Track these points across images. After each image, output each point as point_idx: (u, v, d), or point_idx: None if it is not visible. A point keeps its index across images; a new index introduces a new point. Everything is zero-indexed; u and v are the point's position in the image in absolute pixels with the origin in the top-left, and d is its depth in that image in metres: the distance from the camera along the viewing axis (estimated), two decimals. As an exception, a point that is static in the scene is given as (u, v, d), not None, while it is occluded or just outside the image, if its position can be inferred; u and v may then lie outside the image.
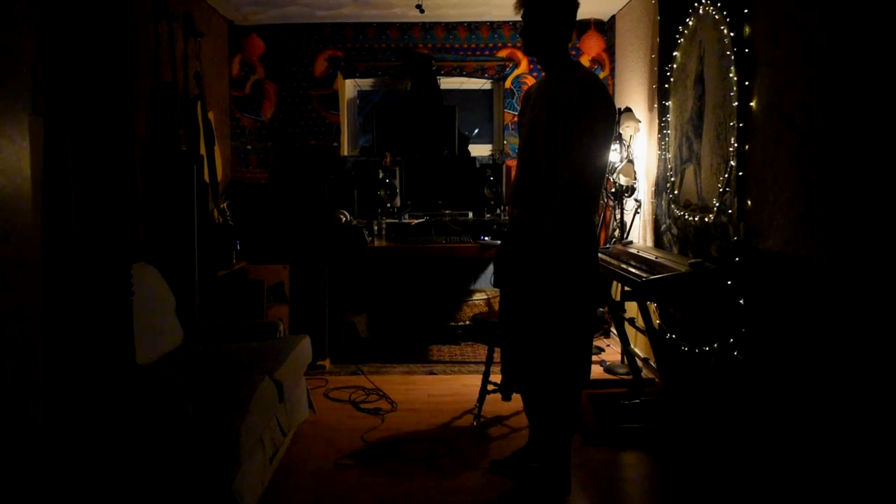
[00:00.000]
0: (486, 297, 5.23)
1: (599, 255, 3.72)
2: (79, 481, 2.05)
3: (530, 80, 5.41)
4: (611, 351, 4.88)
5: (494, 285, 3.03)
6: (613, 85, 5.36)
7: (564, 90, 2.57)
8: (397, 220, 4.94)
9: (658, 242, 4.03)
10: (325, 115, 5.44)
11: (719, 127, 3.18)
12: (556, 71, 2.68)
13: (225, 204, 4.66)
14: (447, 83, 5.49)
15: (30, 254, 1.99)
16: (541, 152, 2.63)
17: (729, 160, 3.05)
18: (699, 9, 3.41)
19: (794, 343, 2.57)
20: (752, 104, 2.90)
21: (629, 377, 4.01)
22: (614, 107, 2.63)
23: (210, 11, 4.91)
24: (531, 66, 5.42)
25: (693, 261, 3.14)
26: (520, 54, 5.41)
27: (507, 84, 5.44)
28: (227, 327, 3.60)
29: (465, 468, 2.99)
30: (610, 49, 5.34)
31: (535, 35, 2.64)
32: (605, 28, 5.36)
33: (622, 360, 4.40)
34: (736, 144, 2.98)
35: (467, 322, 5.23)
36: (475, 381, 3.88)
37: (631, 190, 4.40)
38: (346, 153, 5.52)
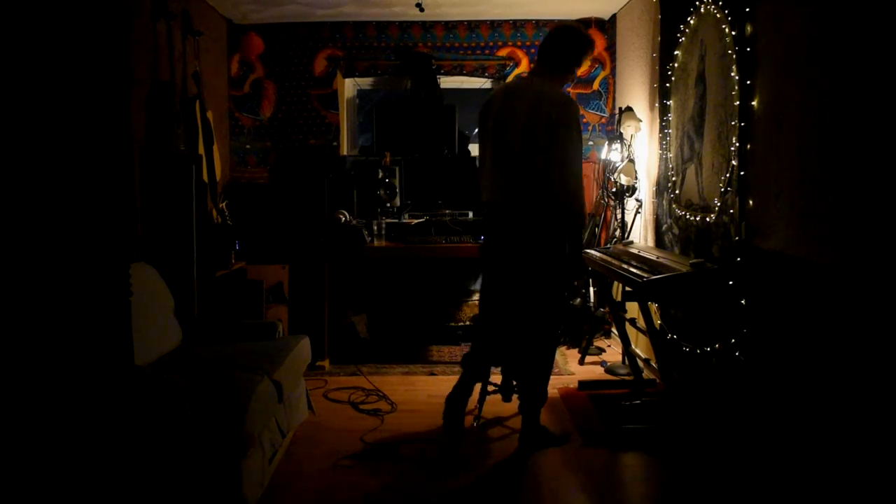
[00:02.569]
0: (486, 297, 5.21)
1: (601, 254, 3.77)
2: (76, 483, 2.03)
3: (530, 80, 5.39)
4: (612, 351, 4.86)
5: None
6: (614, 84, 5.35)
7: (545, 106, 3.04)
8: (397, 220, 4.92)
9: (659, 242, 4.01)
10: (325, 115, 5.43)
11: (721, 126, 3.16)
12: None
13: (224, 204, 4.64)
14: (447, 82, 5.46)
15: (28, 252, 1.97)
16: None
17: (730, 160, 3.03)
18: (700, 7, 3.39)
19: (796, 344, 2.55)
20: (753, 103, 2.88)
21: (630, 378, 3.99)
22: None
23: (209, 10, 4.89)
24: (531, 65, 5.40)
25: (694, 261, 3.13)
26: (520, 53, 5.39)
27: (508, 83, 5.42)
28: (226, 328, 3.58)
29: (464, 470, 2.98)
30: (611, 48, 5.32)
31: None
32: (606, 27, 5.34)
33: (623, 361, 4.38)
34: (738, 144, 2.97)
35: (467, 322, 5.22)
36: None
37: (632, 189, 4.38)
38: (345, 152, 5.50)
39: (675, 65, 3.76)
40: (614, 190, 4.54)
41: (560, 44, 3.15)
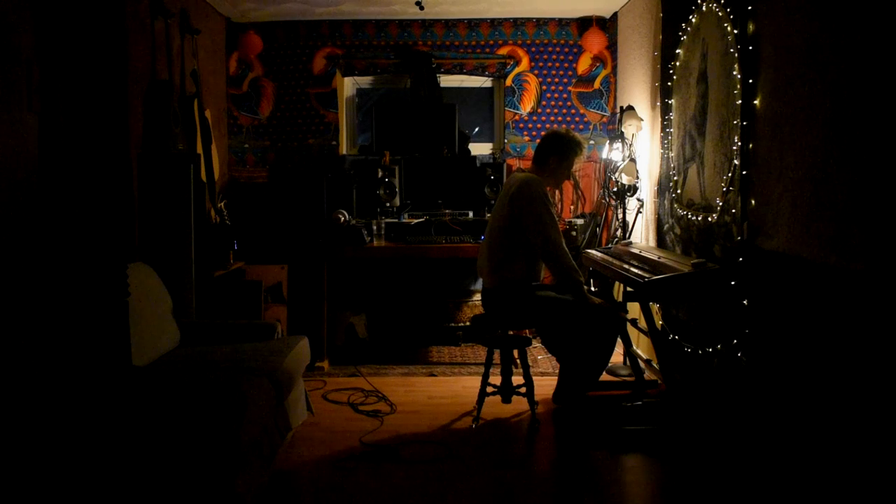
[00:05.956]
0: (486, 296, 5.19)
1: (602, 254, 3.81)
2: (74, 483, 2.01)
3: (531, 78, 5.37)
4: (613, 352, 4.84)
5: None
6: (616, 82, 5.32)
7: None
8: (397, 220, 4.90)
9: (661, 242, 3.99)
10: (324, 114, 5.40)
11: (723, 125, 3.14)
12: None
13: (222, 203, 4.62)
14: (447, 81, 5.44)
15: (24, 252, 1.95)
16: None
17: (732, 159, 3.01)
18: (702, 5, 3.37)
19: (798, 345, 2.53)
20: (755, 102, 2.86)
21: (631, 379, 3.97)
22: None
23: (207, 8, 4.87)
24: (532, 64, 5.38)
25: (696, 261, 3.11)
26: (520, 52, 5.37)
27: (508, 82, 5.40)
28: (225, 328, 3.56)
29: (464, 470, 2.96)
30: (612, 46, 5.30)
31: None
32: (607, 25, 5.31)
33: (624, 362, 4.36)
34: (739, 143, 2.94)
35: (467, 323, 5.19)
36: (475, 382, 3.84)
37: (633, 189, 4.36)
38: (344, 152, 5.47)
39: (677, 63, 3.73)
40: (615, 189, 4.52)
41: (542, 143, 3.64)
